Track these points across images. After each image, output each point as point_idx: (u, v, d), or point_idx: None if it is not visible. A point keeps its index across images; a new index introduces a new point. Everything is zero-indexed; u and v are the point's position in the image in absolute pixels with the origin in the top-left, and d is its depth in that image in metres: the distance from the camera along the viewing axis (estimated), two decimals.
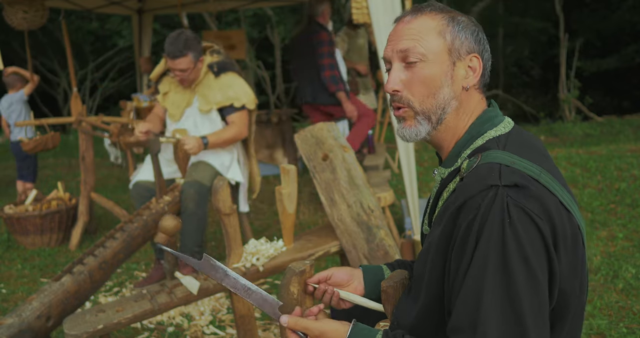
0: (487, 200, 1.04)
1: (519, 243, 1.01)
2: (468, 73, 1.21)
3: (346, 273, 1.38)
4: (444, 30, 1.20)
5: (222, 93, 3.35)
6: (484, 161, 1.11)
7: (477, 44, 1.22)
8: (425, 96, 1.20)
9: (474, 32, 1.22)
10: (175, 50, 3.17)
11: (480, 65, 1.22)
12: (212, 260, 1.21)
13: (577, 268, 1.09)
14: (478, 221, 1.04)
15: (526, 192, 1.04)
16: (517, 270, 1.00)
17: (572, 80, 10.03)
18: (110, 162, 7.56)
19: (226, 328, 2.97)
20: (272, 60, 11.52)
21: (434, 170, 1.28)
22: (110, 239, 2.74)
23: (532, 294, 1.01)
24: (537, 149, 1.20)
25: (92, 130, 4.37)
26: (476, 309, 1.01)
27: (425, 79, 1.19)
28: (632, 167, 5.32)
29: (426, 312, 1.16)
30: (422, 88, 1.20)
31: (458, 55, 1.20)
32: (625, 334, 2.67)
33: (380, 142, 6.48)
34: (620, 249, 3.68)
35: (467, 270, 1.04)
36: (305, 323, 1.19)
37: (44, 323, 2.22)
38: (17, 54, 10.93)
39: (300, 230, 4.37)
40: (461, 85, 1.21)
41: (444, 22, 1.21)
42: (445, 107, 1.21)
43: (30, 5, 4.41)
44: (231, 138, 3.37)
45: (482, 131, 1.20)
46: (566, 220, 1.07)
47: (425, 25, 1.21)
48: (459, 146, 1.22)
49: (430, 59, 1.19)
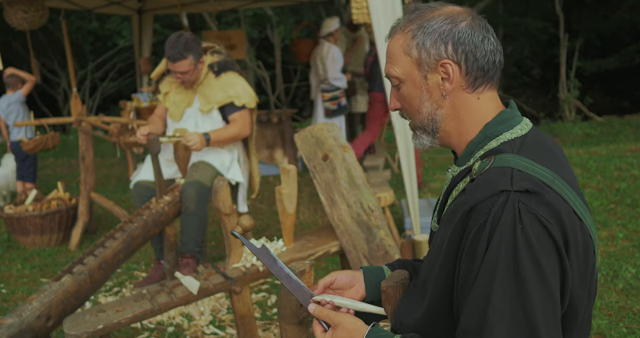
0: (497, 205, 1.03)
1: (531, 249, 1.00)
2: (444, 81, 1.19)
3: (348, 276, 1.38)
4: (408, 46, 1.19)
5: (222, 92, 3.35)
6: (497, 164, 1.10)
7: (448, 46, 1.17)
8: (413, 113, 1.24)
9: (444, 34, 1.17)
10: (176, 53, 3.18)
11: (455, 69, 1.17)
12: (268, 250, 1.37)
13: (587, 276, 1.08)
14: (489, 226, 1.03)
15: (538, 198, 1.03)
16: (529, 275, 0.99)
17: (572, 80, 10.03)
18: (110, 162, 7.56)
19: (226, 328, 2.96)
20: (272, 60, 11.51)
21: (448, 168, 1.28)
22: (110, 239, 2.74)
23: (544, 299, 1.00)
24: (554, 153, 1.18)
25: (92, 130, 4.37)
26: (485, 314, 1.00)
27: (407, 98, 1.23)
28: (632, 167, 5.32)
29: (434, 311, 1.15)
30: (408, 106, 1.24)
31: (427, 68, 1.19)
32: (625, 334, 2.67)
33: (380, 142, 6.48)
34: (620, 249, 3.68)
35: (477, 275, 1.03)
36: (328, 312, 1.26)
37: (44, 323, 2.22)
38: (17, 54, 10.94)
39: (300, 230, 4.37)
40: (441, 94, 1.20)
41: (409, 36, 1.19)
42: (434, 118, 1.22)
43: (30, 6, 4.41)
44: (233, 135, 3.37)
45: (497, 132, 1.18)
46: (578, 227, 1.06)
47: (395, 46, 1.22)
48: (473, 145, 1.20)
49: (404, 79, 1.21)
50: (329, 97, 5.84)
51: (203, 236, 3.30)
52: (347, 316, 1.24)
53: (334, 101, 5.85)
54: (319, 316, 1.27)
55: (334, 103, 5.85)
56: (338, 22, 5.88)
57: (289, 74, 12.13)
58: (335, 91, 5.82)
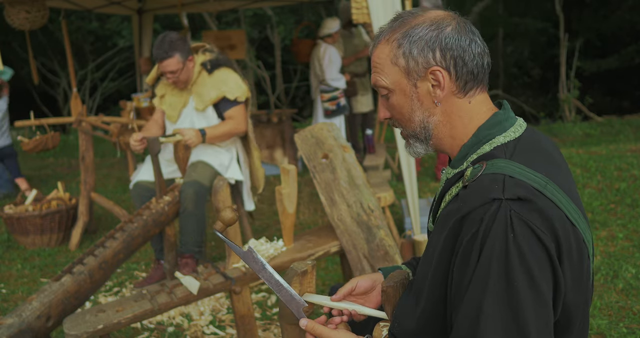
0: (489, 213, 1.02)
1: (523, 258, 1.00)
2: (435, 88, 1.18)
3: (369, 280, 1.37)
4: (395, 55, 1.18)
5: (215, 89, 3.36)
6: (488, 171, 1.09)
7: (436, 52, 1.16)
8: (404, 122, 1.23)
9: (430, 40, 1.15)
10: (162, 52, 3.21)
11: (445, 75, 1.16)
12: (254, 253, 1.31)
13: (581, 281, 1.08)
14: (481, 235, 1.03)
15: (530, 206, 1.02)
16: (521, 284, 0.99)
17: (572, 80, 10.02)
18: (110, 162, 7.56)
19: (226, 328, 2.96)
20: (272, 60, 11.50)
21: (443, 169, 1.28)
22: (110, 239, 2.74)
23: (537, 307, 0.99)
24: (549, 154, 1.17)
25: (92, 130, 4.37)
26: (477, 322, 1.00)
27: (397, 108, 1.22)
28: (632, 167, 5.32)
29: (428, 316, 1.15)
30: (398, 116, 1.24)
31: (417, 76, 1.18)
32: (625, 334, 2.67)
33: (380, 142, 6.48)
34: (620, 249, 3.67)
35: (469, 283, 1.03)
36: (321, 329, 1.24)
37: (44, 323, 2.22)
38: (17, 54, 10.93)
39: (300, 230, 4.36)
40: (432, 101, 1.19)
41: (395, 45, 1.18)
42: (426, 125, 1.21)
43: (33, 6, 4.42)
44: (229, 131, 3.37)
45: (489, 136, 1.17)
46: (571, 234, 1.05)
47: (381, 56, 1.21)
48: (466, 148, 1.19)
49: (393, 89, 1.20)
50: (327, 97, 5.86)
51: (202, 236, 3.30)
52: (340, 332, 1.23)
53: (333, 101, 5.86)
54: (312, 332, 1.25)
55: (333, 103, 5.86)
56: (339, 24, 5.88)
57: (289, 74, 12.12)
58: (333, 91, 5.83)
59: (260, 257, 1.32)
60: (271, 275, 1.30)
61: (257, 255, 1.31)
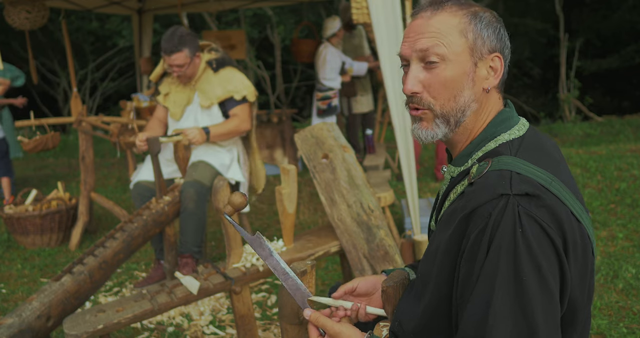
0: (497, 209, 1.02)
1: (531, 252, 1.00)
2: (489, 73, 1.17)
3: (371, 282, 1.37)
4: (465, 28, 1.14)
5: (221, 87, 3.37)
6: (495, 168, 1.09)
7: (498, 42, 1.17)
8: (446, 99, 1.16)
9: (496, 29, 1.17)
10: (171, 45, 3.21)
11: (502, 65, 1.17)
12: (262, 239, 1.28)
13: (586, 277, 1.08)
14: (489, 230, 1.02)
15: (537, 202, 1.03)
16: (530, 279, 0.99)
17: (572, 80, 10.03)
18: (110, 162, 7.56)
19: (226, 328, 2.96)
20: (272, 60, 11.50)
21: (443, 167, 1.28)
22: (110, 239, 2.74)
23: (545, 302, 1.00)
24: (551, 154, 1.17)
25: (92, 130, 4.37)
26: (486, 317, 1.00)
27: (446, 82, 1.15)
28: (632, 167, 5.32)
29: (432, 313, 1.14)
30: (442, 90, 1.15)
31: (480, 55, 1.15)
32: (625, 334, 2.67)
33: (380, 142, 6.48)
34: (620, 249, 3.67)
35: (477, 279, 1.03)
36: (325, 321, 1.23)
37: (44, 323, 2.22)
38: (17, 54, 10.93)
39: (300, 230, 4.36)
40: (482, 87, 1.17)
41: (466, 20, 1.15)
42: (465, 110, 1.17)
43: (34, 6, 4.42)
44: (233, 129, 3.37)
45: (496, 133, 1.17)
46: (577, 230, 1.06)
47: (446, 23, 1.14)
48: (472, 146, 1.19)
49: (452, 60, 1.14)
50: (320, 96, 5.89)
51: (202, 236, 3.30)
52: (343, 325, 1.23)
53: (325, 101, 5.89)
54: (315, 323, 1.25)
55: (324, 103, 5.89)
56: (339, 21, 5.89)
57: (289, 74, 12.12)
58: (327, 91, 5.85)
59: (268, 243, 1.30)
60: (278, 263, 1.28)
61: (265, 241, 1.29)
